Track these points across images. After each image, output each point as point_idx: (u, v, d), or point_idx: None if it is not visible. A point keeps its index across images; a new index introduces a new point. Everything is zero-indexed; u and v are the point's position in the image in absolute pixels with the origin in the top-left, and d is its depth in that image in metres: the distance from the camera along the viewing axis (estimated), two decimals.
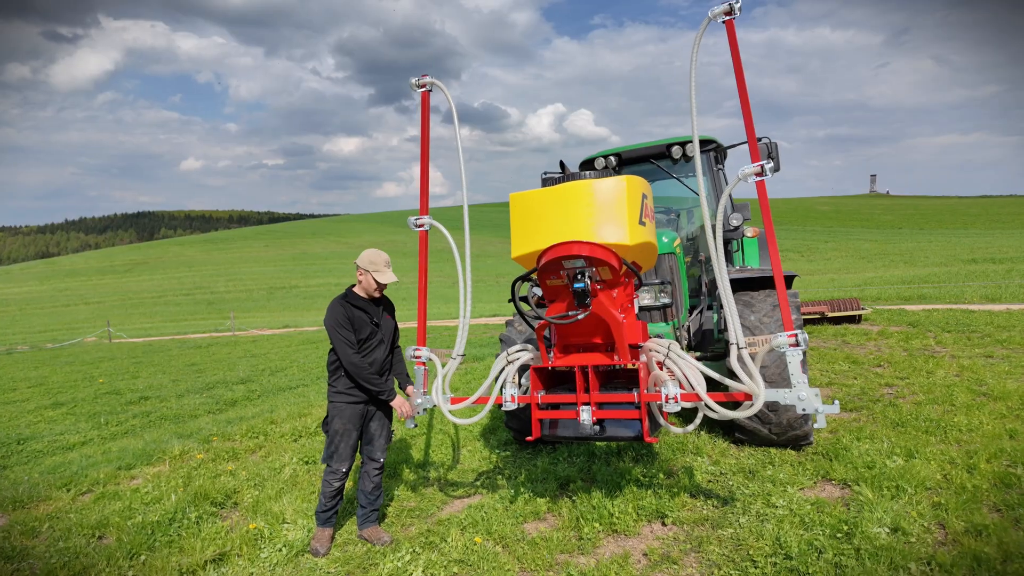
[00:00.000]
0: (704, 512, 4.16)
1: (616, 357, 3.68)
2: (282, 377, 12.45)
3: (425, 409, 4.27)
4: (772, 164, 3.35)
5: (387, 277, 4.08)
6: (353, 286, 4.18)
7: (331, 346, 4.05)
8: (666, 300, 5.32)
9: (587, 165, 7.11)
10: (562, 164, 7.50)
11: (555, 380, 4.14)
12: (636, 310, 4.03)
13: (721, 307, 6.57)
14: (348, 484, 4.81)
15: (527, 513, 4.36)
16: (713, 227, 3.47)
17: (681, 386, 3.52)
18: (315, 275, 72.59)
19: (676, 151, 6.68)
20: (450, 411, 4.04)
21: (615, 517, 4.09)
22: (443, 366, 4.15)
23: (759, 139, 6.86)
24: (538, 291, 4.16)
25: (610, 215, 3.42)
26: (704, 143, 6.70)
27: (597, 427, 3.65)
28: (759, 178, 3.40)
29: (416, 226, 4.38)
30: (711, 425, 5.83)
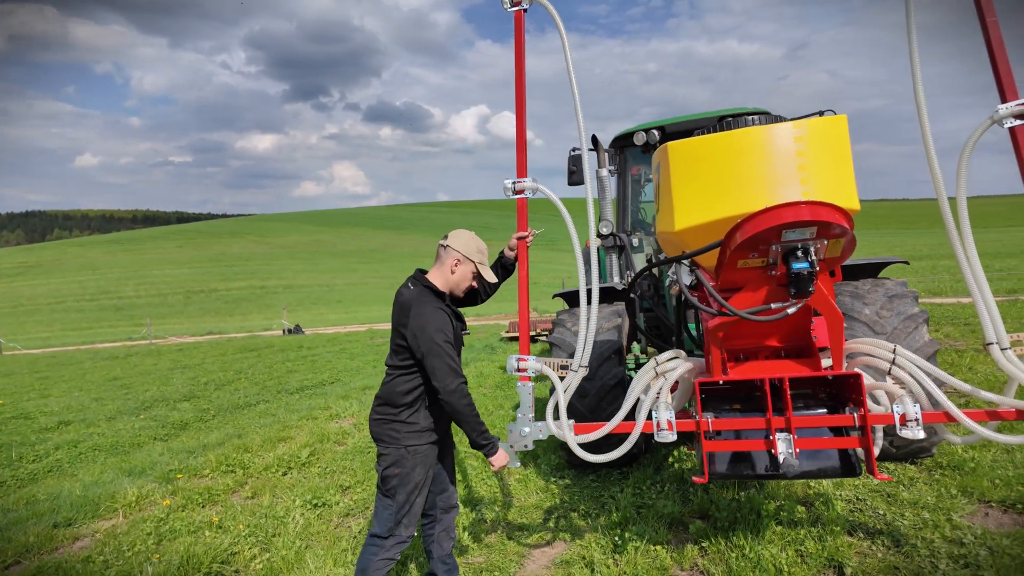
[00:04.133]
0: (882, 556, 3.29)
1: (826, 364, 2.74)
2: (231, 392, 10.81)
3: (533, 443, 3.06)
4: None
5: (492, 275, 3.08)
6: (423, 274, 2.94)
7: (405, 364, 2.80)
8: None
9: (623, 140, 6.17)
10: (594, 138, 6.50)
11: (714, 397, 3.13)
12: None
13: None
14: None
15: (652, 569, 3.36)
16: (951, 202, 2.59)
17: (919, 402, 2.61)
18: (236, 277, 67.99)
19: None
20: (579, 444, 2.94)
21: (786, 572, 3.14)
22: (561, 381, 3.01)
23: None
24: (686, 278, 3.16)
25: (835, 166, 2.50)
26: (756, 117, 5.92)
27: (798, 462, 2.69)
28: (1021, 122, 2.55)
29: (515, 192, 3.07)
30: None
